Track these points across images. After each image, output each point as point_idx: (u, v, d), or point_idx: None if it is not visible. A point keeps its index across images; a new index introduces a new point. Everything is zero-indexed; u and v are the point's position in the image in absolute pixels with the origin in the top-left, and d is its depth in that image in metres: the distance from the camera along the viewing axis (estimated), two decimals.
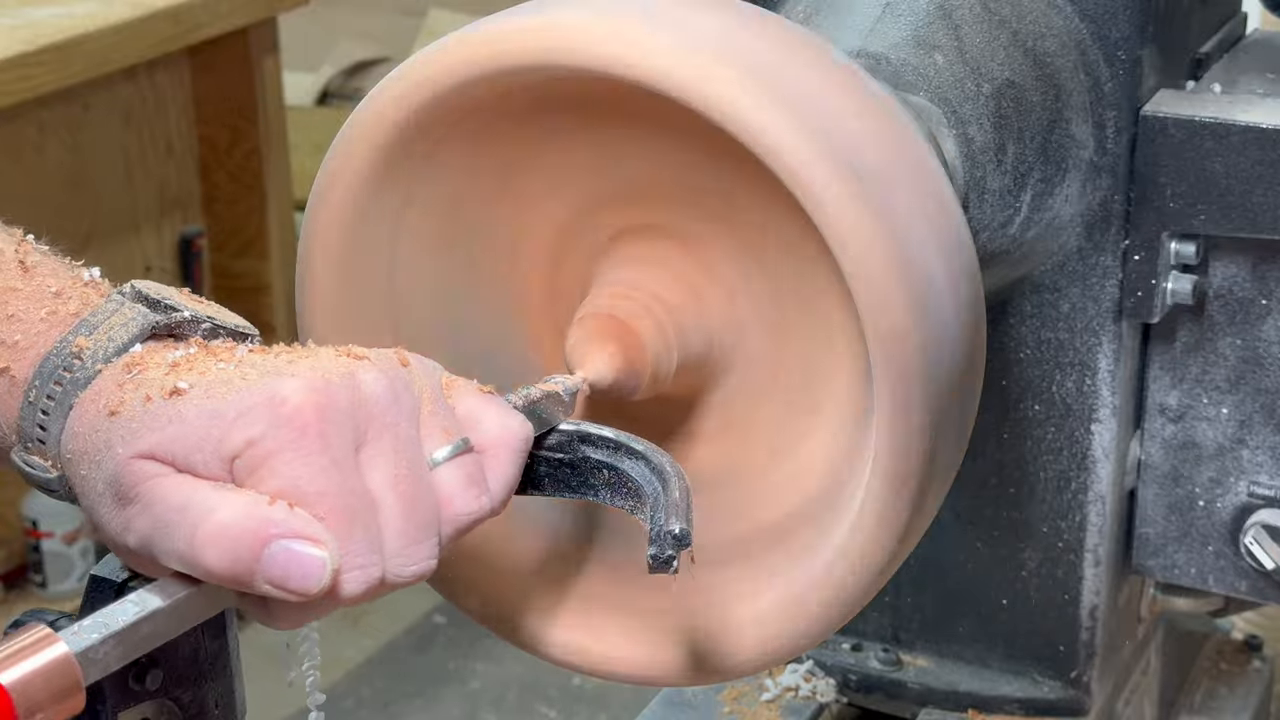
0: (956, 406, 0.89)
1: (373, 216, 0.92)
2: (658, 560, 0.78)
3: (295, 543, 0.72)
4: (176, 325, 0.80)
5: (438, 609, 2.98)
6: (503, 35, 0.86)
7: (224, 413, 0.74)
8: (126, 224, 2.87)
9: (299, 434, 0.73)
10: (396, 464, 0.75)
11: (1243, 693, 1.42)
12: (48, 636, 0.69)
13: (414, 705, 2.79)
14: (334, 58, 4.59)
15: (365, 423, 0.75)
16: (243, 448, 0.73)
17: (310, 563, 0.72)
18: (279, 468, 0.73)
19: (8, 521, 2.81)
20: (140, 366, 0.77)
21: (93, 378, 0.78)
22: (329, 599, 0.74)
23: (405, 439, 0.76)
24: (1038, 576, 1.21)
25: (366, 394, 0.75)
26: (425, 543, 0.76)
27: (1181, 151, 1.10)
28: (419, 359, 0.81)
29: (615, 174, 0.94)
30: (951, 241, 0.89)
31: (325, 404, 0.74)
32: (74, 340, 0.79)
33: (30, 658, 0.68)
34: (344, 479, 0.74)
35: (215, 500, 0.73)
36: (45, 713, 0.68)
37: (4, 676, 0.67)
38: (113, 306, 0.80)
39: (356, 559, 0.74)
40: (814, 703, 1.26)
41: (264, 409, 0.73)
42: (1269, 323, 1.14)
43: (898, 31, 1.05)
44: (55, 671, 0.68)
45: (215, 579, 0.73)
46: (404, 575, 0.76)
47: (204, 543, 0.72)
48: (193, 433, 0.74)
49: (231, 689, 0.84)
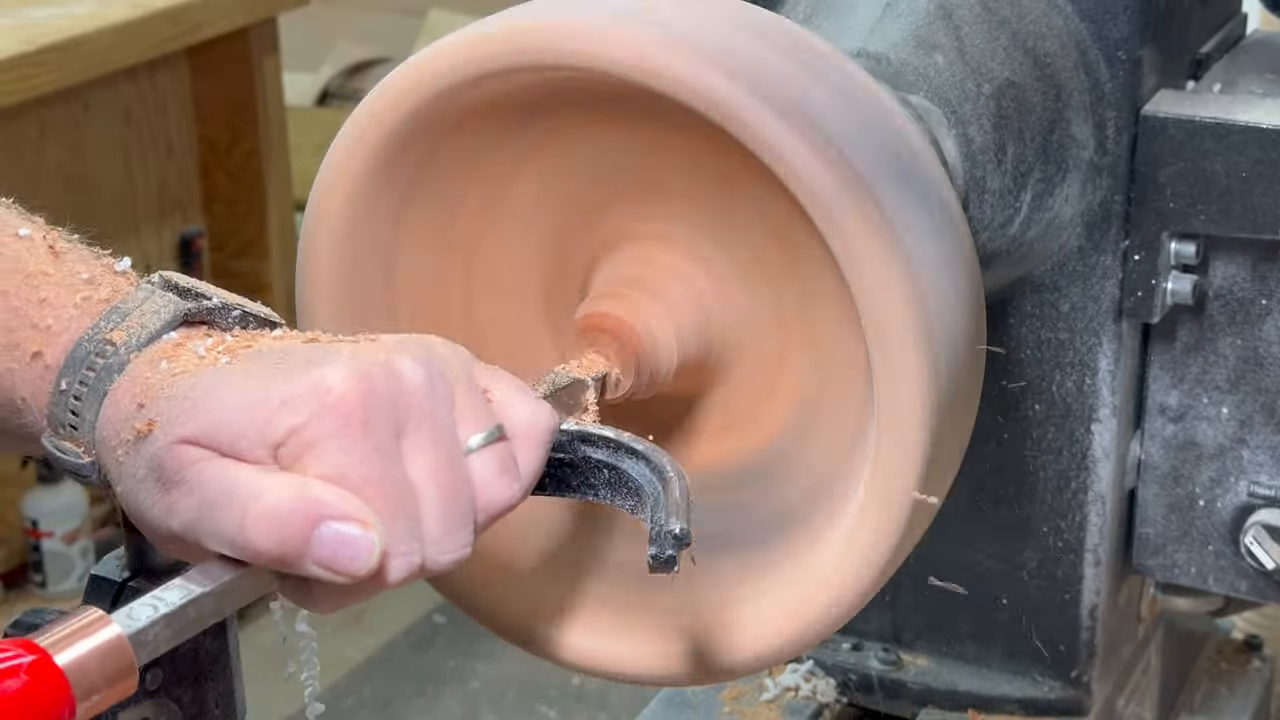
0: (958, 406, 0.89)
1: (373, 216, 0.92)
2: (658, 560, 0.78)
3: (344, 524, 0.72)
4: (207, 313, 0.81)
5: (438, 609, 2.98)
6: (503, 35, 0.86)
7: (268, 399, 0.74)
8: (126, 224, 2.87)
9: (344, 421, 0.73)
10: (436, 453, 0.76)
11: (1243, 693, 1.42)
12: (101, 619, 0.69)
13: (414, 705, 2.79)
14: (334, 58, 4.59)
15: (405, 411, 0.75)
16: (287, 435, 0.73)
17: (360, 544, 0.73)
18: (324, 454, 0.73)
19: (8, 521, 2.81)
20: (175, 353, 0.78)
21: (126, 364, 0.78)
22: (373, 582, 0.74)
23: (443, 427, 0.77)
24: (1038, 576, 1.21)
25: (406, 382, 0.76)
26: (463, 530, 0.77)
27: (1182, 151, 1.10)
28: (450, 345, 0.81)
29: (615, 174, 0.94)
30: (952, 241, 0.89)
31: (368, 392, 0.74)
32: (106, 327, 0.79)
33: (84, 639, 0.68)
34: (387, 467, 0.74)
35: (264, 483, 0.73)
36: (101, 694, 0.68)
37: (60, 658, 0.67)
38: (143, 294, 0.81)
39: (400, 544, 0.74)
40: (814, 703, 1.26)
41: (309, 396, 0.74)
42: (1269, 322, 1.14)
43: (898, 31, 1.05)
44: (110, 654, 0.68)
45: (264, 560, 0.73)
46: (442, 561, 0.76)
47: (254, 524, 0.72)
48: (237, 418, 0.74)
49: (231, 689, 0.84)
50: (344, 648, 2.86)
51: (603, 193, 0.95)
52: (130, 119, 2.87)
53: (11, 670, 0.65)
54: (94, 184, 2.82)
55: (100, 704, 0.68)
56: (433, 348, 0.79)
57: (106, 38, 2.58)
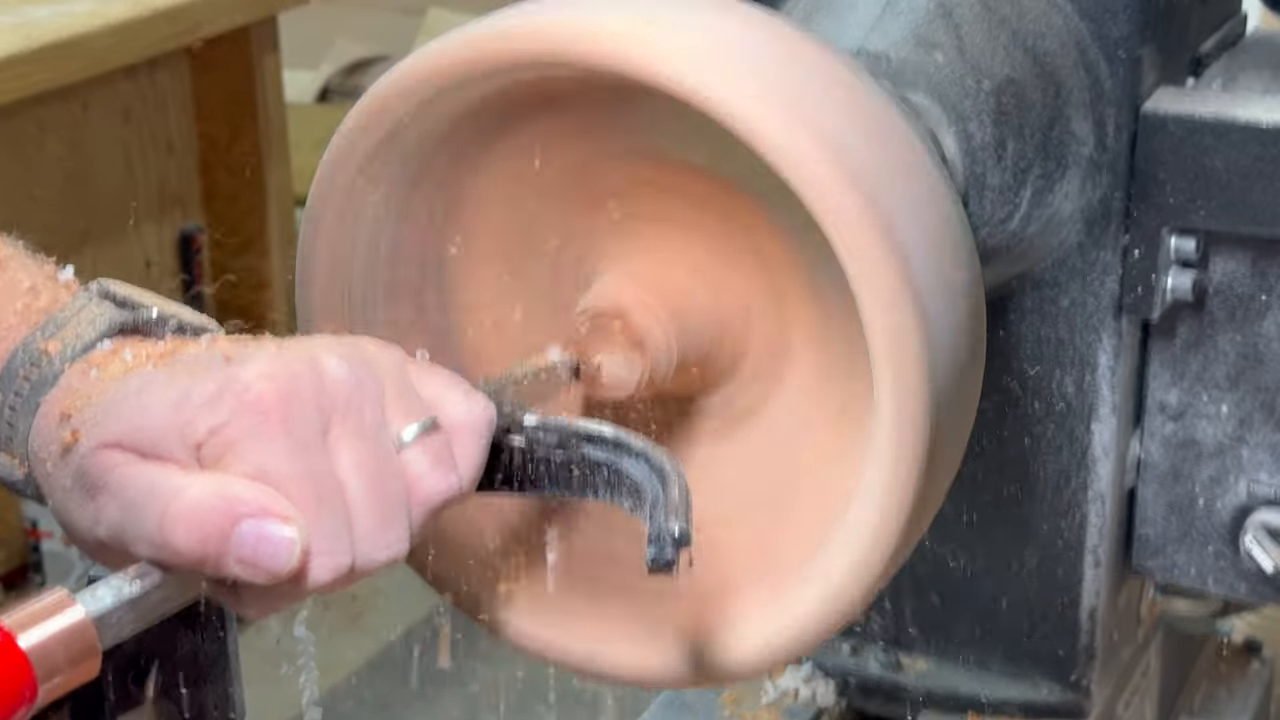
0: (957, 404, 0.89)
1: (373, 213, 0.92)
2: (657, 562, 0.78)
3: (265, 521, 0.72)
4: (143, 323, 0.80)
5: (437, 610, 2.97)
6: (506, 32, 0.86)
7: (188, 400, 0.73)
8: (126, 222, 2.87)
9: (262, 419, 0.73)
10: (362, 447, 0.75)
11: (1242, 695, 1.42)
12: (64, 600, 0.69)
13: (413, 707, 2.79)
14: (333, 56, 4.59)
15: (329, 407, 0.75)
16: (207, 435, 0.73)
17: (280, 542, 0.72)
18: (244, 453, 0.73)
19: (8, 522, 2.81)
20: (105, 362, 0.77)
21: (59, 376, 0.77)
22: (297, 583, 0.73)
23: (370, 422, 0.76)
24: (1037, 578, 1.21)
25: (329, 379, 0.75)
26: (395, 525, 0.76)
27: (1181, 148, 1.09)
28: (381, 344, 0.80)
29: (616, 172, 0.94)
30: (952, 238, 0.89)
31: (288, 389, 0.73)
32: (41, 337, 0.79)
33: (48, 620, 0.68)
34: (310, 463, 0.73)
35: (183, 481, 0.72)
36: (63, 675, 0.68)
37: (23, 640, 0.66)
38: (79, 304, 0.80)
39: (324, 543, 0.73)
40: (814, 706, 1.26)
41: (227, 395, 0.73)
42: (1269, 319, 1.14)
43: (898, 30, 1.05)
44: (74, 635, 0.68)
45: (185, 560, 0.72)
46: (376, 558, 0.75)
47: (173, 522, 0.71)
48: (158, 421, 0.73)
49: (230, 692, 0.84)
50: (343, 650, 2.86)
51: (601, 190, 0.95)
52: (130, 117, 2.87)
53: None
54: (94, 182, 2.82)
55: (62, 686, 0.68)
56: (362, 346, 0.79)
57: (106, 36, 2.58)
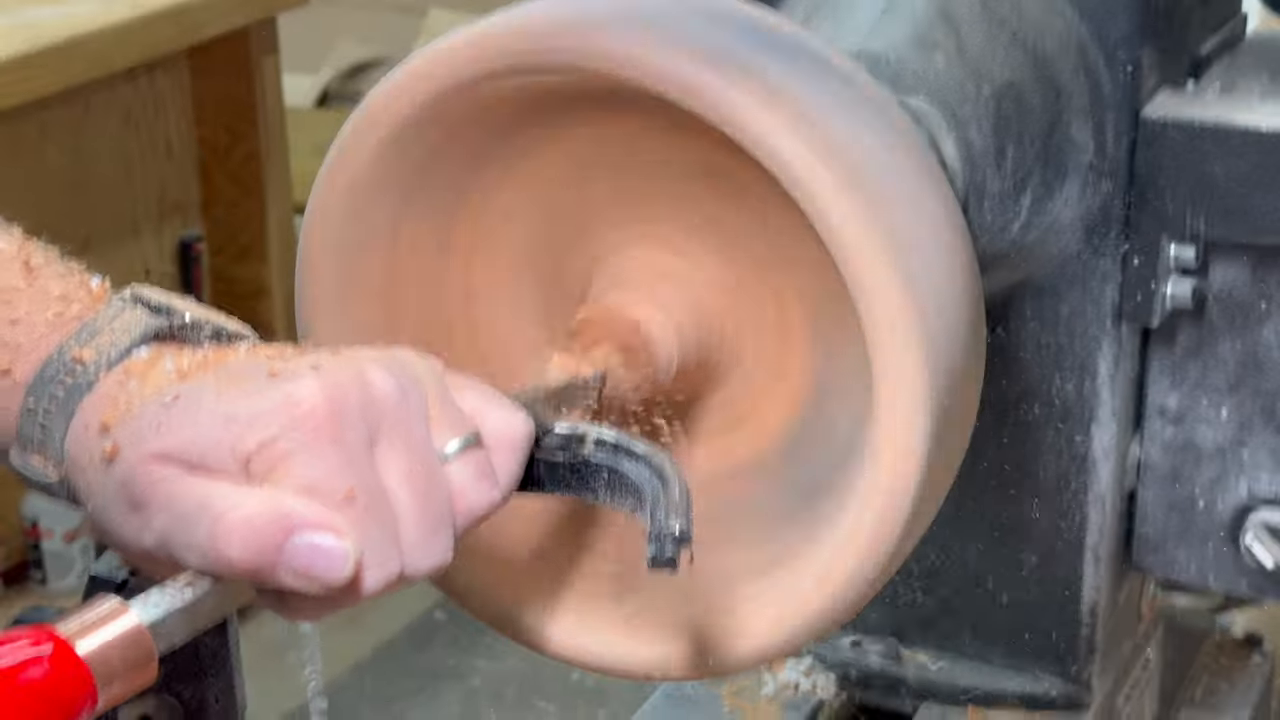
0: (957, 407, 0.89)
1: (372, 220, 0.92)
2: (658, 559, 0.78)
3: (318, 534, 0.73)
4: (178, 329, 0.80)
5: (438, 606, 2.98)
6: (506, 35, 0.86)
7: (238, 415, 0.74)
8: (126, 228, 2.87)
9: (314, 434, 0.74)
10: (410, 460, 0.76)
11: (1243, 688, 1.42)
12: (119, 608, 0.69)
13: (415, 702, 2.80)
14: (333, 59, 4.59)
15: (377, 421, 0.76)
16: (257, 449, 0.74)
17: (334, 554, 0.73)
18: (295, 468, 0.73)
19: (8, 520, 2.82)
20: (144, 371, 0.77)
21: (94, 383, 0.78)
22: (349, 592, 0.74)
23: (417, 435, 0.77)
24: (1038, 575, 1.21)
25: (376, 392, 0.76)
26: (441, 535, 0.77)
27: (1181, 155, 1.10)
28: (422, 356, 0.81)
29: (617, 174, 0.94)
30: (952, 245, 0.89)
31: (338, 404, 0.74)
32: (75, 345, 0.79)
33: (104, 628, 0.68)
34: (360, 476, 0.74)
35: (236, 496, 0.73)
36: (122, 682, 0.68)
37: (81, 647, 0.67)
38: (114, 311, 0.80)
39: (375, 553, 0.74)
40: (814, 698, 1.26)
41: (279, 410, 0.74)
42: (1268, 326, 1.14)
43: (898, 31, 1.05)
44: (130, 642, 0.69)
45: (237, 572, 0.73)
46: (422, 567, 0.76)
47: (227, 536, 0.72)
48: (207, 435, 0.74)
49: (232, 685, 0.85)
50: (345, 645, 2.87)
51: (600, 194, 0.95)
52: (130, 120, 2.87)
53: (34, 660, 0.65)
54: (94, 187, 2.82)
55: (120, 693, 0.68)
56: (404, 359, 0.79)
57: (107, 38, 2.58)
